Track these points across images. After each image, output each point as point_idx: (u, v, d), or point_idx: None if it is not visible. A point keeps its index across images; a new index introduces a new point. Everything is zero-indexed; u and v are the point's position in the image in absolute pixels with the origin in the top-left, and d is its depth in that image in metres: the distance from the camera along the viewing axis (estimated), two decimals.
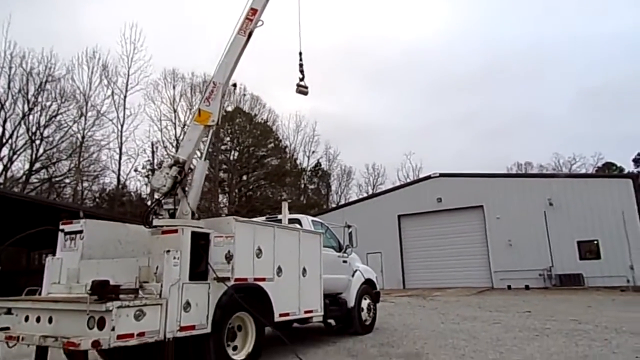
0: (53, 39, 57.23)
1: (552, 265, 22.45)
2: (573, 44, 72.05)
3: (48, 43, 58.95)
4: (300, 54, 8.23)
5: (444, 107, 72.27)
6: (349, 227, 9.77)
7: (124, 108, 35.46)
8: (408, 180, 42.34)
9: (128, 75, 35.82)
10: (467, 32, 73.85)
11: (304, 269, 7.30)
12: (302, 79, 8.23)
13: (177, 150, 7.08)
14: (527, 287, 22.36)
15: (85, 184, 35.85)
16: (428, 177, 28.16)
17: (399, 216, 27.58)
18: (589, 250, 22.37)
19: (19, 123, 31.18)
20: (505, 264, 23.64)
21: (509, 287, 22.97)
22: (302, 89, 8.24)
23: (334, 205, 42.71)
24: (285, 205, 8.55)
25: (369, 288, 9.92)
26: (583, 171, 47.24)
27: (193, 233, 5.38)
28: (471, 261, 24.96)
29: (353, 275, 9.56)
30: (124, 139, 35.22)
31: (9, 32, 31.57)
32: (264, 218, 9.08)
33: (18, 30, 37.44)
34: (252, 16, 7.37)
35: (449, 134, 70.70)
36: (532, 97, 70.46)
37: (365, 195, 43.34)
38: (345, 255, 9.54)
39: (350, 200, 41.64)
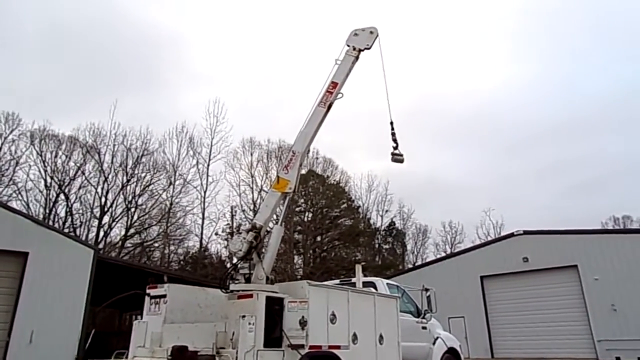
0: (150, 118, 64.10)
1: None
2: None
3: (145, 121, 66.15)
4: (392, 123, 8.25)
5: (523, 161, 68.71)
6: (426, 290, 9.34)
7: (207, 176, 37.99)
8: (489, 239, 39.96)
9: (211, 146, 38.70)
10: (537, 82, 71.39)
11: (381, 336, 7.01)
12: (396, 147, 8.19)
13: (254, 214, 7.40)
14: None
15: (172, 248, 38.17)
16: (511, 235, 26.36)
17: (482, 277, 25.81)
18: None
19: (119, 193, 34.63)
20: (610, 332, 20.84)
21: (618, 359, 20.07)
22: (397, 157, 8.20)
23: (410, 266, 41.15)
24: (359, 268, 8.42)
25: (452, 358, 9.23)
26: None
27: (268, 298, 5.45)
28: (568, 328, 22.35)
29: (434, 343, 8.99)
30: (206, 204, 37.43)
31: (114, 114, 35.94)
32: (337, 281, 8.98)
33: (122, 112, 42.73)
34: (333, 89, 7.74)
35: (530, 188, 66.50)
36: (626, 146, 64.90)
37: (443, 254, 41.40)
38: (425, 321, 9.05)
39: (428, 260, 39.97)
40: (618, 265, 21.59)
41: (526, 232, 25.39)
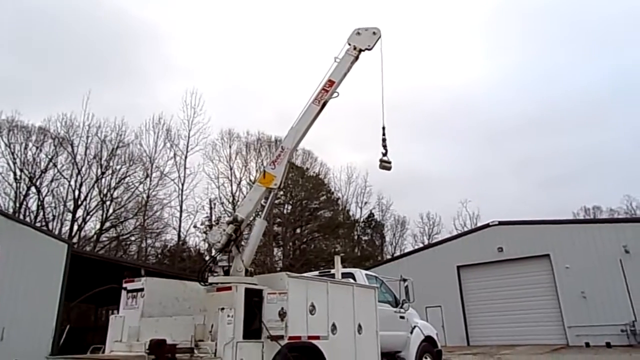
0: (126, 109, 62.63)
1: (636, 320, 20.20)
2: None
3: (121, 113, 64.48)
4: (384, 128, 8.10)
5: (499, 153, 70.15)
6: (404, 280, 9.49)
7: (185, 168, 37.37)
8: (465, 229, 40.74)
9: (188, 138, 38.05)
10: (514, 76, 72.81)
11: (360, 326, 7.09)
12: (385, 154, 8.06)
13: (233, 207, 7.35)
14: (608, 345, 20.16)
15: (149, 241, 37.54)
16: (487, 226, 26.95)
17: (458, 267, 26.34)
18: None
19: (93, 186, 33.77)
20: (580, 319, 21.61)
21: (587, 344, 20.83)
22: (385, 165, 8.10)
23: (388, 257, 41.65)
24: (338, 259, 8.46)
25: (429, 346, 9.42)
26: None
27: (247, 290, 5.44)
28: (541, 315, 23.07)
29: (412, 332, 9.15)
30: (184, 197, 36.85)
31: (88, 105, 34.93)
32: (317, 272, 9.03)
33: (97, 104, 41.59)
34: (329, 87, 7.56)
35: (506, 180, 68.04)
36: (595, 139, 66.86)
37: (421, 245, 42.04)
38: (402, 310, 9.20)
39: (406, 251, 40.53)
40: (588, 253, 22.33)
41: (501, 223, 25.98)
